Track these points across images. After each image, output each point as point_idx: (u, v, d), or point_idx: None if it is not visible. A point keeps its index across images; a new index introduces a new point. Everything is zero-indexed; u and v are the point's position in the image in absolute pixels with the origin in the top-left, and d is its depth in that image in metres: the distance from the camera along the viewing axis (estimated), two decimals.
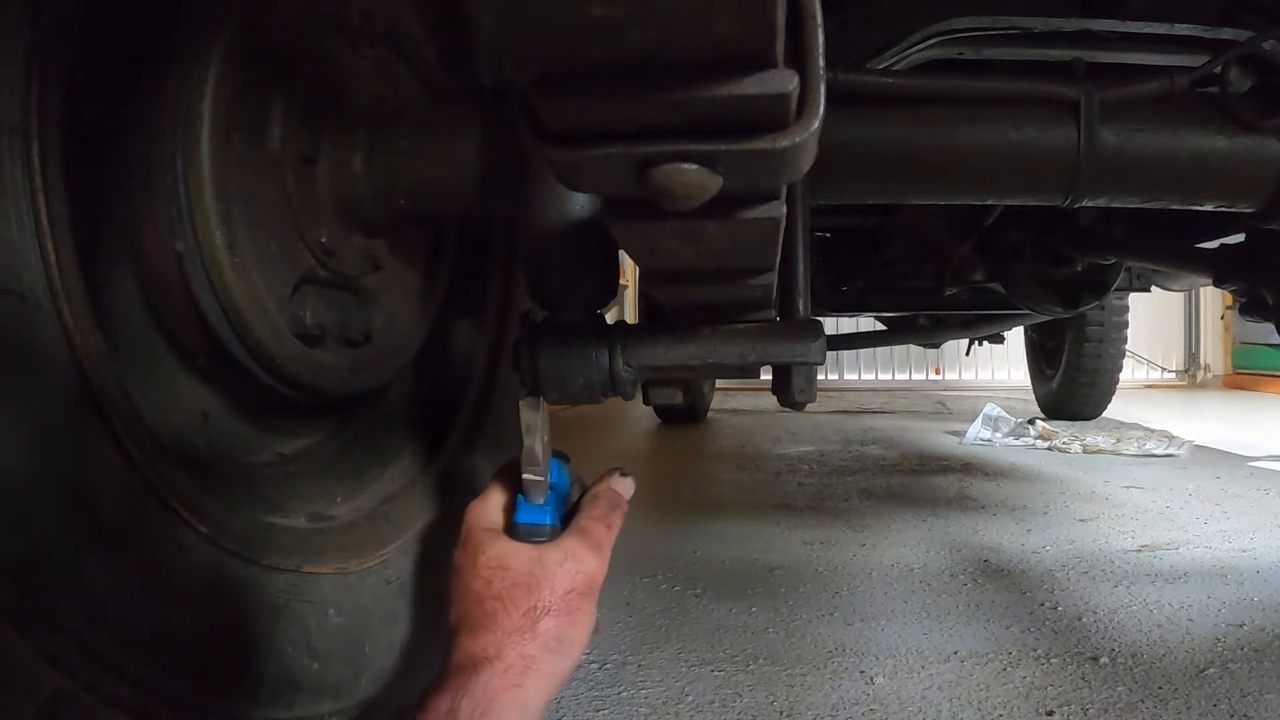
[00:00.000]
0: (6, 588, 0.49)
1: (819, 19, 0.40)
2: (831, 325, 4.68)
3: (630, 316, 4.42)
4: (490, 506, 0.76)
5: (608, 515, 0.76)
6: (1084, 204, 0.99)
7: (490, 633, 0.67)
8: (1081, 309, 2.05)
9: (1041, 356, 4.64)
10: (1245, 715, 1.07)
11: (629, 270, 3.39)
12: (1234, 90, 0.94)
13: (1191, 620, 1.43)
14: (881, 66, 1.06)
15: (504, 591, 0.69)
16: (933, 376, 7.99)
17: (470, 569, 0.71)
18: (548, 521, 0.74)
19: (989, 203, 1.55)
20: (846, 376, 7.90)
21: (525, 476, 0.74)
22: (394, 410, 1.03)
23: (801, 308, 0.85)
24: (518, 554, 0.71)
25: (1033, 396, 4.86)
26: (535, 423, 0.73)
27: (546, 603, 0.69)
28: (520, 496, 0.75)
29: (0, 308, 0.51)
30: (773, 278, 0.70)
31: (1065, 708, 1.10)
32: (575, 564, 0.71)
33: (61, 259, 0.55)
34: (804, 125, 0.40)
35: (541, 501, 0.75)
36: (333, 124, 0.80)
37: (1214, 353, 8.16)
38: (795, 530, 2.14)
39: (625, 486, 0.80)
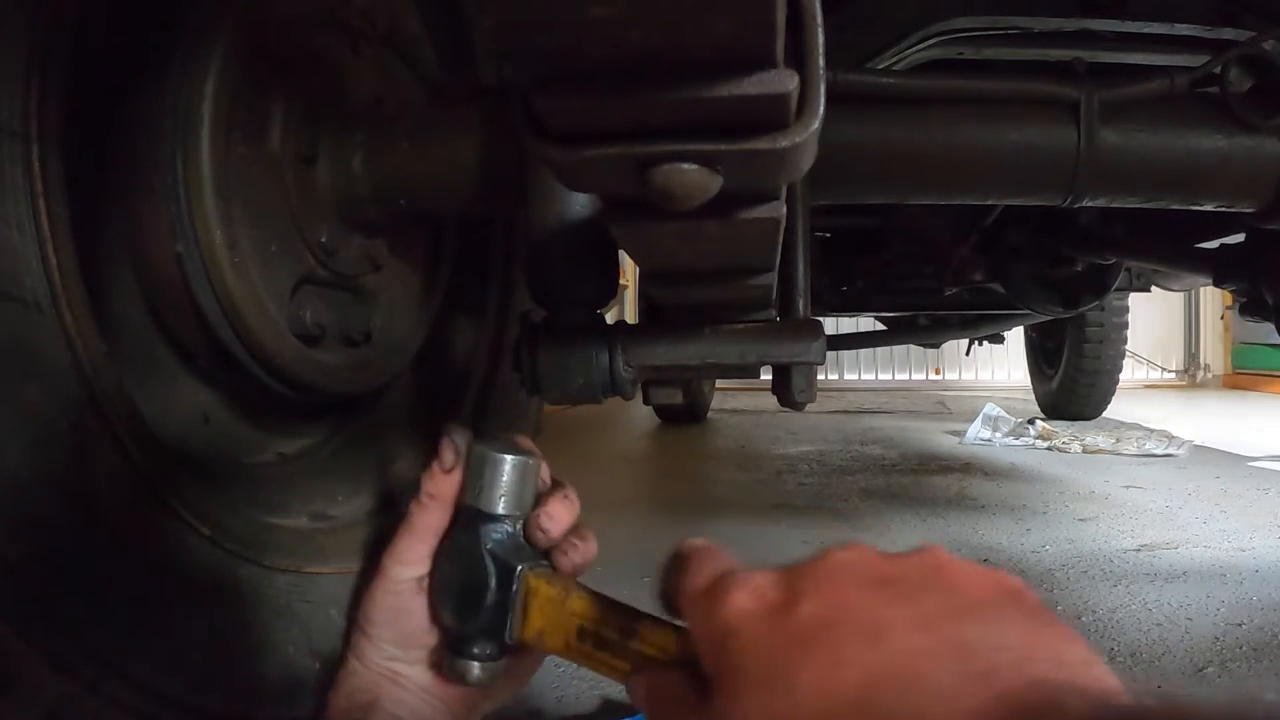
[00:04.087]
0: (9, 590, 0.49)
1: (819, 19, 0.40)
2: (831, 325, 4.68)
3: (630, 316, 4.42)
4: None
5: None
6: (1084, 204, 0.99)
7: None
8: (1081, 309, 2.05)
9: (1041, 356, 4.64)
10: None
11: (629, 270, 3.39)
12: (1234, 90, 0.94)
13: (1190, 619, 1.43)
14: (881, 66, 1.07)
15: None
16: (933, 376, 7.99)
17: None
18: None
19: (989, 203, 1.56)
20: (846, 376, 7.90)
21: None
22: (394, 410, 1.03)
23: (801, 308, 0.85)
24: None
25: (1033, 396, 4.86)
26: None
27: None
28: None
29: (2, 313, 0.51)
30: (773, 278, 0.70)
31: None
32: None
33: (62, 263, 0.55)
34: (804, 125, 0.40)
35: None
36: (333, 124, 0.80)
37: (1214, 353, 8.15)
38: (795, 530, 2.14)
39: None
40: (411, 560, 0.69)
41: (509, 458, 0.66)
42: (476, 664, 0.65)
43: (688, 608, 0.49)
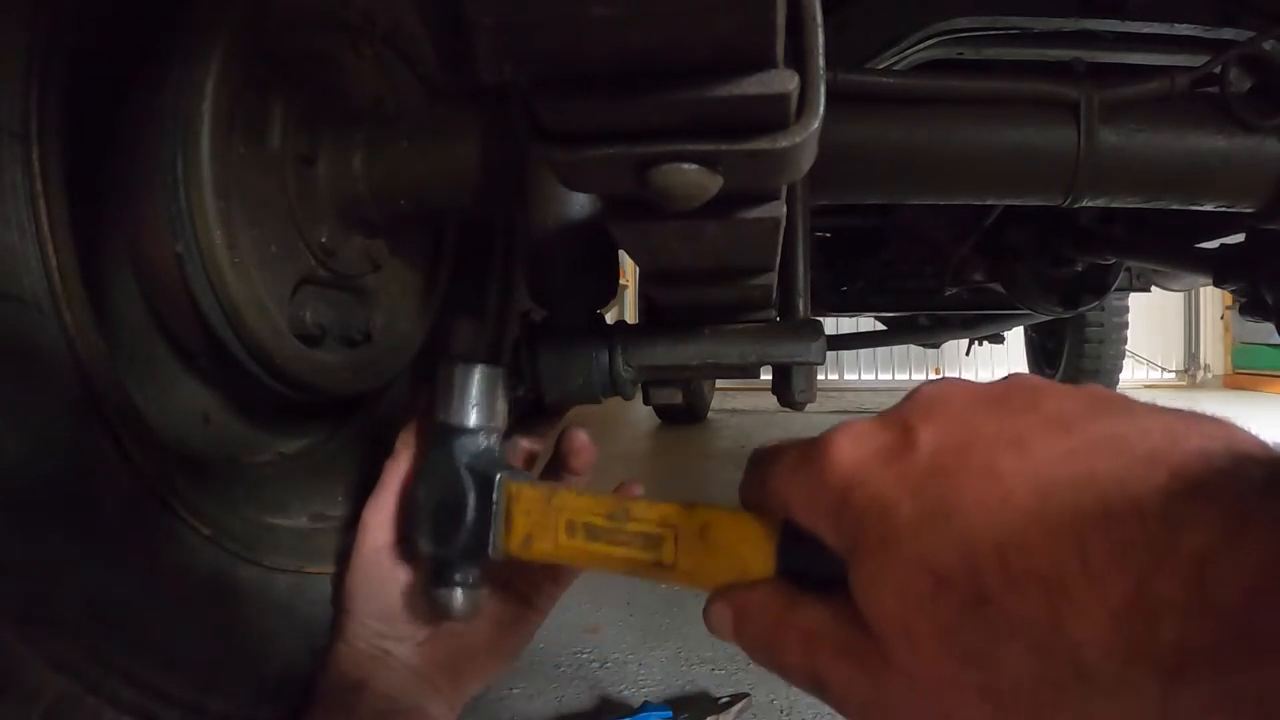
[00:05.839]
0: (9, 590, 0.49)
1: (819, 19, 0.40)
2: (831, 325, 4.68)
3: (630, 316, 4.41)
4: None
5: None
6: (1084, 204, 0.99)
7: None
8: (1081, 309, 2.06)
9: (1041, 356, 4.64)
10: None
11: (629, 270, 3.39)
12: (1234, 90, 0.94)
13: None
14: (881, 66, 1.07)
15: None
16: (933, 376, 7.96)
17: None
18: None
19: (989, 203, 1.56)
20: (846, 376, 7.89)
21: None
22: (394, 410, 1.03)
23: (801, 308, 0.85)
24: None
25: None
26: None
27: None
28: None
29: (2, 313, 0.51)
30: (773, 278, 0.70)
31: None
32: None
33: (62, 262, 0.55)
34: (804, 125, 0.40)
35: None
36: (333, 124, 0.81)
37: (1214, 353, 8.15)
38: None
39: None
40: (388, 516, 0.70)
41: (476, 366, 0.66)
42: (460, 590, 0.62)
43: (787, 487, 0.42)
